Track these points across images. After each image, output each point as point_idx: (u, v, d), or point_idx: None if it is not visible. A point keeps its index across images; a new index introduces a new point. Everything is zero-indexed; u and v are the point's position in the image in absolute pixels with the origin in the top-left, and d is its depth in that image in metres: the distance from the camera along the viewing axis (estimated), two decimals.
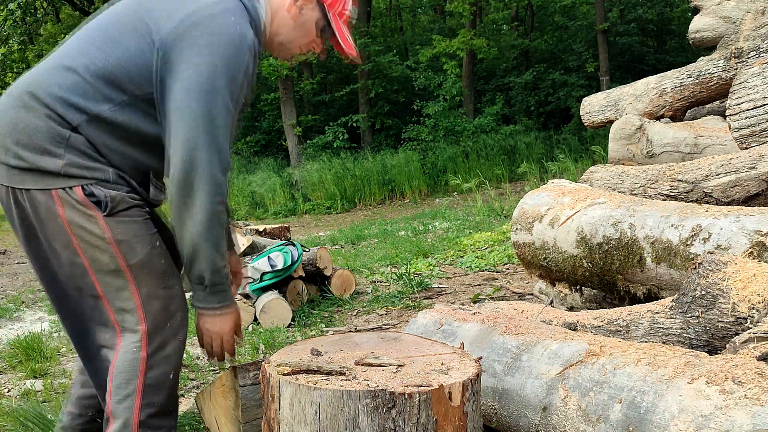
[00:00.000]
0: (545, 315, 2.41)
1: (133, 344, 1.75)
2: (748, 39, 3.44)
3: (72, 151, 1.68)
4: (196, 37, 1.67)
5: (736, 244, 2.14)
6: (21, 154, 1.67)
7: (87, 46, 1.74)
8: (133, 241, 1.73)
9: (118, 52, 1.71)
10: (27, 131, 1.67)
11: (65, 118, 1.68)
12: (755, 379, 1.44)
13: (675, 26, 17.09)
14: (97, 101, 1.69)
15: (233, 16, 1.72)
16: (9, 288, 6.16)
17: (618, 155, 3.78)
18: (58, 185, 1.67)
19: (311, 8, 1.90)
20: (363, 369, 1.58)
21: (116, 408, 1.75)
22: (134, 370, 1.74)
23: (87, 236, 1.70)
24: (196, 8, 1.71)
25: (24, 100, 1.70)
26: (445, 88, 14.62)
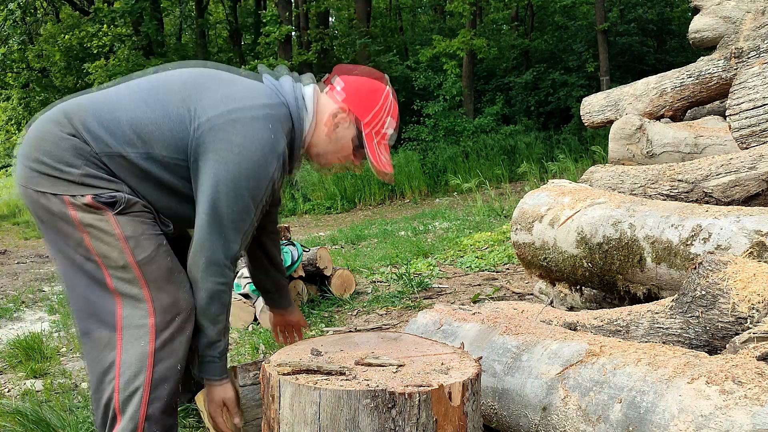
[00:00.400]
0: (545, 315, 2.41)
1: (141, 338, 1.80)
2: (748, 39, 3.44)
3: (90, 165, 1.81)
4: (232, 134, 1.81)
5: (736, 244, 2.14)
6: (43, 160, 1.81)
7: (136, 98, 1.88)
8: (141, 238, 1.82)
9: (160, 114, 1.85)
10: (53, 142, 1.81)
11: (90, 144, 1.82)
12: (755, 379, 1.44)
13: (675, 26, 17.08)
14: (124, 144, 1.83)
15: (272, 124, 1.85)
16: (9, 288, 6.16)
17: (618, 155, 3.78)
18: (70, 192, 1.79)
19: (346, 126, 1.99)
20: (363, 369, 1.58)
21: (124, 404, 1.79)
22: (142, 364, 1.79)
23: (97, 233, 1.80)
24: (242, 106, 1.84)
25: (58, 119, 1.85)
26: (445, 88, 14.62)
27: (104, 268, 1.81)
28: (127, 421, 1.78)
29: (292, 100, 1.94)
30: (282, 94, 1.94)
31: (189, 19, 20.74)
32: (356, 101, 1.98)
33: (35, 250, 9.26)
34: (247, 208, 1.83)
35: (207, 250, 1.83)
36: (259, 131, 1.82)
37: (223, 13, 21.79)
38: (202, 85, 1.91)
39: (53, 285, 6.25)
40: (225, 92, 1.88)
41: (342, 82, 2.00)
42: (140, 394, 1.79)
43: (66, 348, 3.92)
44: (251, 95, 1.89)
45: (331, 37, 19.30)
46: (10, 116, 21.55)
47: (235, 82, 1.94)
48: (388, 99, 2.01)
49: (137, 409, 1.78)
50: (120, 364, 1.79)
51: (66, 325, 4.43)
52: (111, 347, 1.81)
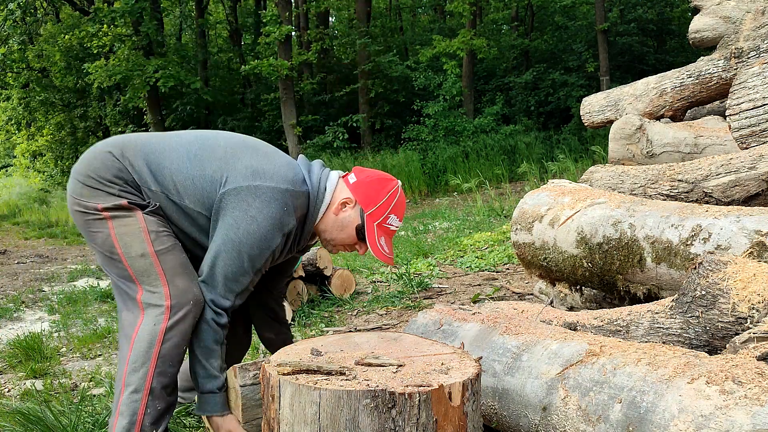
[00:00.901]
0: (545, 315, 2.41)
1: (156, 317, 2.02)
2: (748, 39, 3.44)
3: (128, 186, 2.10)
4: (251, 204, 2.04)
5: (736, 244, 2.14)
6: (90, 175, 2.09)
7: (182, 152, 2.13)
8: (161, 233, 2.08)
9: (198, 173, 2.10)
10: (102, 163, 2.10)
11: (133, 174, 2.10)
12: (755, 379, 1.44)
13: (675, 26, 17.08)
14: (162, 188, 2.11)
15: (287, 206, 2.07)
16: (9, 288, 6.16)
17: (618, 155, 3.78)
18: (107, 201, 2.06)
19: (351, 209, 2.17)
20: (363, 369, 1.58)
21: (130, 377, 2.00)
22: (153, 340, 2.00)
23: (123, 225, 2.05)
24: (267, 184, 2.06)
25: (113, 149, 2.12)
26: (445, 88, 14.61)
27: (125, 260, 2.05)
28: (130, 393, 1.99)
29: (314, 189, 2.16)
30: (309, 181, 2.16)
31: (189, 19, 20.74)
32: (363, 193, 2.18)
33: (35, 250, 9.26)
34: (244, 271, 2.06)
35: (197, 302, 2.05)
36: (273, 209, 2.04)
37: (223, 13, 21.80)
38: (240, 153, 2.14)
39: (53, 285, 6.26)
40: (257, 166, 2.09)
41: (355, 176, 2.22)
42: (147, 367, 2.00)
43: (66, 348, 3.92)
44: (279, 176, 2.09)
45: (331, 37, 19.32)
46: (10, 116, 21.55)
47: (269, 160, 2.14)
48: (395, 197, 2.19)
49: (143, 383, 1.99)
50: (135, 339, 2.02)
51: (66, 325, 4.44)
52: (133, 327, 2.05)
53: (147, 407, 2.00)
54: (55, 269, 7.36)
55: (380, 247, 2.15)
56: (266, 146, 2.23)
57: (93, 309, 4.96)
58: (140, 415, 2.00)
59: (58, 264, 7.87)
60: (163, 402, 2.04)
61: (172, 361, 2.03)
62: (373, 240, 2.14)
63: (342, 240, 2.22)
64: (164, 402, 2.04)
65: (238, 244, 2.04)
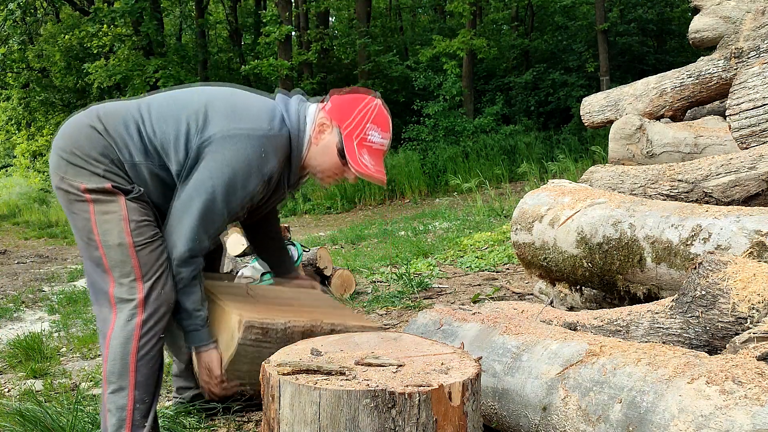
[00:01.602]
0: (545, 315, 2.41)
1: (129, 312, 2.02)
2: (748, 39, 3.44)
3: (114, 166, 2.06)
4: (226, 148, 2.02)
5: (736, 244, 2.14)
6: (75, 152, 2.05)
7: (160, 114, 2.11)
8: (142, 223, 2.06)
9: (174, 130, 2.07)
10: (87, 139, 2.06)
11: (116, 151, 2.07)
12: (755, 379, 1.44)
13: (675, 26, 17.07)
14: (142, 155, 2.08)
15: (265, 147, 2.05)
16: (9, 288, 6.16)
17: (618, 155, 3.78)
18: (91, 181, 2.03)
19: (329, 132, 2.12)
20: (363, 369, 1.58)
21: (111, 376, 2.02)
22: (129, 336, 2.01)
23: (104, 210, 2.03)
24: (243, 126, 2.04)
25: (93, 121, 2.09)
26: (445, 88, 14.61)
27: (101, 247, 2.03)
28: (114, 392, 2.01)
29: (294, 125, 2.13)
30: (289, 120, 2.13)
31: (189, 19, 20.74)
32: (337, 111, 2.13)
33: (35, 250, 9.26)
34: (219, 213, 2.06)
35: (175, 242, 2.06)
36: (249, 150, 2.03)
37: (223, 13, 21.78)
38: (216, 102, 2.12)
39: (53, 285, 6.26)
40: (233, 111, 2.08)
41: (331, 101, 2.18)
42: (126, 364, 2.01)
43: (66, 348, 3.92)
44: (255, 118, 2.07)
45: (331, 37, 19.30)
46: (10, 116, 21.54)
47: (246, 106, 2.12)
48: (370, 106, 2.13)
49: (126, 380, 2.00)
50: (111, 337, 2.02)
51: (66, 325, 4.44)
52: (107, 323, 2.05)
53: (135, 402, 2.01)
54: (55, 269, 7.36)
55: (364, 164, 2.09)
56: (243, 93, 2.20)
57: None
58: (129, 411, 2.01)
59: (58, 264, 7.87)
60: (150, 394, 2.05)
61: (152, 353, 2.04)
62: (354, 157, 2.08)
63: (328, 167, 2.17)
64: (150, 394, 2.06)
65: (212, 188, 2.02)
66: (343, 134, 2.10)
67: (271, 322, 2.09)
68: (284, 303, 2.37)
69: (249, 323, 2.06)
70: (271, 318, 2.10)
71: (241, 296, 2.32)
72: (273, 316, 2.12)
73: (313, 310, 2.34)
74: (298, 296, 2.50)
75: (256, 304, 2.26)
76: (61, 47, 17.87)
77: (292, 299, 2.45)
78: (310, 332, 2.12)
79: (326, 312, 2.34)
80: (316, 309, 2.36)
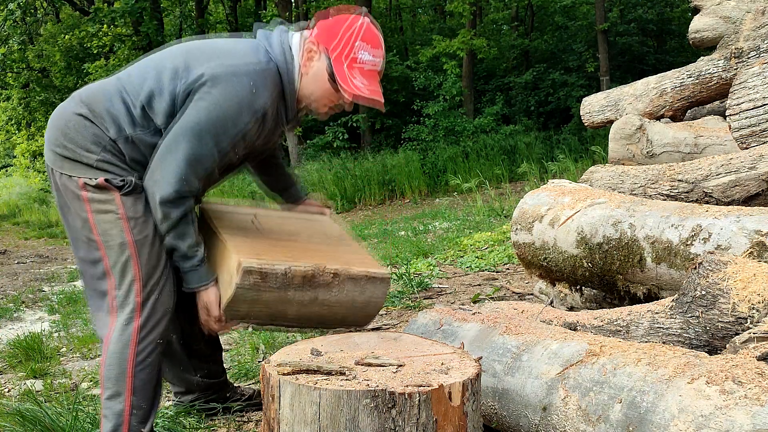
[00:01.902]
0: (545, 315, 2.41)
1: (128, 315, 1.99)
2: (748, 39, 3.44)
3: (107, 152, 2.00)
4: (212, 87, 1.93)
5: (736, 244, 2.14)
6: (66, 145, 2.00)
7: (141, 78, 2.03)
8: (141, 219, 2.01)
9: (156, 82, 1.99)
10: (76, 129, 2.00)
11: (107, 131, 2.00)
12: (755, 379, 1.44)
13: (675, 26, 17.07)
14: (134, 125, 2.01)
15: (254, 81, 1.95)
16: (9, 288, 6.16)
17: (618, 155, 3.78)
18: (86, 175, 1.98)
19: (318, 58, 2.02)
20: (363, 369, 1.58)
21: (108, 381, 1.99)
22: (127, 340, 1.98)
23: (102, 210, 1.99)
24: (228, 63, 1.96)
25: (78, 107, 2.03)
26: (445, 88, 14.61)
27: (102, 248, 2.00)
28: (110, 397, 1.99)
29: (280, 57, 2.02)
30: (273, 54, 2.02)
31: (189, 19, 20.72)
32: (323, 34, 2.03)
33: (35, 250, 9.26)
34: (208, 152, 1.96)
35: (159, 180, 1.97)
36: (238, 87, 1.93)
37: (223, 13, 21.78)
38: (194, 47, 2.05)
39: (53, 285, 6.26)
40: (215, 52, 1.99)
41: (317, 25, 2.07)
42: (124, 369, 1.98)
43: (66, 348, 3.92)
44: (239, 55, 1.98)
45: None
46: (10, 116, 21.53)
47: (228, 43, 2.05)
48: (356, 25, 2.01)
49: (122, 384, 1.97)
50: (109, 340, 2.00)
51: (66, 325, 4.43)
52: (106, 326, 2.02)
53: (132, 408, 1.99)
54: (55, 269, 7.36)
55: (356, 86, 1.98)
56: (224, 38, 2.12)
57: None
58: (126, 416, 1.98)
59: (58, 264, 7.87)
60: (148, 399, 2.03)
61: (150, 359, 2.01)
62: (345, 80, 1.97)
63: (321, 95, 2.06)
64: (149, 399, 2.03)
65: (199, 129, 1.92)
66: (332, 57, 1.99)
67: (270, 267, 1.99)
68: (289, 238, 2.24)
69: (248, 268, 1.98)
70: (271, 262, 2.01)
71: (244, 230, 2.21)
72: (273, 259, 2.02)
73: (318, 248, 2.23)
74: (306, 228, 2.36)
75: (258, 239, 2.16)
76: (61, 47, 17.87)
77: (299, 232, 2.32)
78: (311, 277, 2.04)
79: (332, 252, 2.21)
80: (321, 247, 2.25)
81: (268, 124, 2.05)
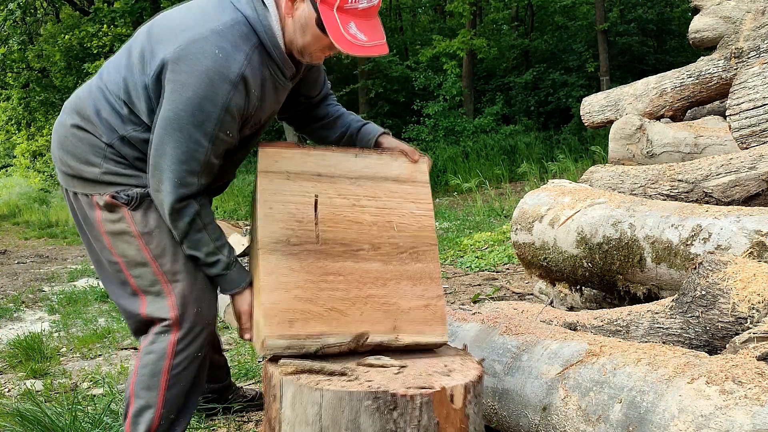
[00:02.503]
0: (545, 315, 2.41)
1: (163, 328, 1.92)
2: (748, 39, 3.44)
3: (109, 162, 1.90)
4: (177, 70, 1.73)
5: (736, 244, 2.14)
6: (69, 163, 1.93)
7: (116, 71, 1.89)
8: (155, 231, 1.90)
9: (131, 80, 1.84)
10: (73, 143, 1.92)
11: (102, 136, 1.89)
12: (755, 379, 1.44)
13: (675, 26, 17.06)
14: (124, 123, 1.88)
15: (218, 46, 1.71)
16: (9, 288, 6.16)
17: (618, 155, 3.79)
18: (96, 191, 1.90)
19: (302, 7, 1.76)
20: (365, 370, 1.59)
21: (140, 391, 1.94)
22: (162, 354, 1.91)
23: (116, 232, 1.91)
24: (183, 38, 1.74)
25: (73, 119, 1.93)
26: (445, 88, 14.61)
27: (125, 269, 1.92)
28: (141, 408, 1.94)
29: (247, 7, 1.77)
30: (238, 3, 1.78)
31: None
32: None
33: (35, 250, 9.26)
34: (197, 145, 1.75)
35: (159, 192, 1.81)
36: (202, 59, 1.70)
37: None
38: (154, 25, 1.86)
39: (53, 285, 6.26)
40: (172, 27, 1.79)
41: None
42: (157, 382, 1.92)
43: (66, 348, 3.92)
44: (198, 19, 1.76)
45: None
46: (10, 116, 21.52)
47: (185, 11, 1.84)
48: None
49: (155, 397, 1.92)
50: (142, 352, 1.94)
51: (66, 325, 4.44)
52: (144, 337, 1.96)
53: (161, 419, 1.94)
54: (55, 269, 7.36)
55: (349, 36, 1.70)
56: (187, 4, 1.89)
57: (93, 309, 4.96)
58: (153, 427, 1.95)
59: (58, 264, 7.87)
60: (176, 409, 1.97)
61: (186, 371, 1.95)
62: (337, 33, 1.68)
63: (312, 44, 1.79)
64: (177, 409, 1.97)
65: (178, 122, 1.72)
66: (318, 4, 1.70)
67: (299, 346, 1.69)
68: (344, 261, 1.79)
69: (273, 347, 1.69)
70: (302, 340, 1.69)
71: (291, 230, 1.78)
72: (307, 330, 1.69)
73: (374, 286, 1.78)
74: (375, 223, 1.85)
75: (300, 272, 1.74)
76: (61, 47, 17.85)
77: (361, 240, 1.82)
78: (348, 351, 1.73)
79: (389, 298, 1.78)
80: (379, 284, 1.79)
81: (265, 88, 1.81)
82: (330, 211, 1.82)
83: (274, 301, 1.70)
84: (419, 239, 1.87)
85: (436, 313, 1.80)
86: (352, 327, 1.72)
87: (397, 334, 1.76)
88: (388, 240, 1.84)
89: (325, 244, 1.79)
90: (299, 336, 1.68)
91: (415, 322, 1.78)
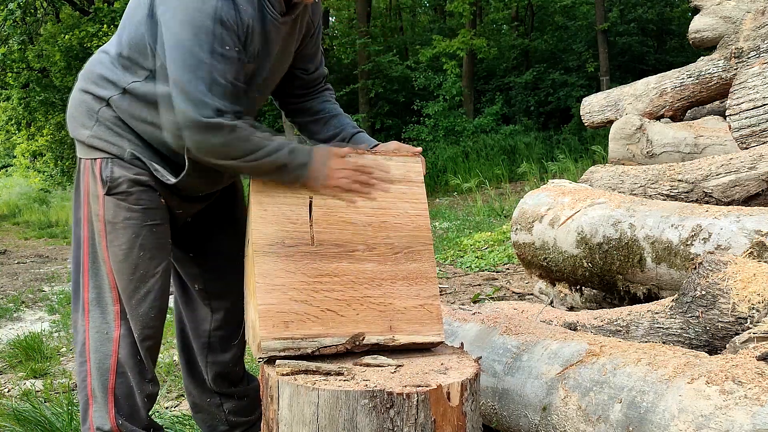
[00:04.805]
0: (545, 315, 2.41)
1: (106, 324, 1.84)
2: (748, 39, 3.44)
3: (100, 125, 1.84)
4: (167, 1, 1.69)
5: (736, 244, 2.14)
6: (70, 126, 1.92)
7: (120, 29, 1.89)
8: (119, 225, 1.82)
9: (132, 30, 1.83)
10: (76, 107, 1.90)
11: (99, 94, 1.85)
12: (755, 379, 1.43)
13: (675, 26, 17.06)
14: (125, 76, 1.83)
15: None
16: (9, 288, 6.16)
17: (618, 155, 3.78)
18: (88, 156, 1.86)
19: None
20: (361, 369, 1.58)
21: (95, 389, 1.85)
22: (107, 350, 1.84)
23: (92, 210, 1.85)
24: None
25: (80, 83, 1.93)
26: (445, 88, 14.61)
27: (87, 246, 1.86)
28: (99, 406, 1.85)
29: None
30: None
31: None
32: None
33: (35, 250, 9.26)
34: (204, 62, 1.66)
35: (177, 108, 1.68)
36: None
37: None
38: None
39: (53, 285, 6.25)
40: None
41: None
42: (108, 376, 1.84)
43: (66, 348, 3.92)
44: None
45: (331, 37, 19.29)
46: (10, 116, 21.54)
47: None
48: None
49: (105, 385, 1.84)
50: (89, 347, 1.85)
51: (66, 325, 4.43)
52: (83, 329, 1.87)
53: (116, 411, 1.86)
54: (55, 269, 7.36)
55: None
56: None
57: None
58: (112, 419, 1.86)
59: (58, 264, 7.86)
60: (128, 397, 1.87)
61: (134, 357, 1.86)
62: None
63: None
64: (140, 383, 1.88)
65: (178, 45, 1.67)
66: None
67: (295, 348, 1.68)
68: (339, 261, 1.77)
69: (268, 348, 1.68)
70: (297, 341, 1.68)
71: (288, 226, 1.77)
72: (303, 330, 1.69)
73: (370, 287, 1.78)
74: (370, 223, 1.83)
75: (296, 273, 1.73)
76: (61, 47, 17.85)
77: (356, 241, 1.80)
78: (344, 351, 1.72)
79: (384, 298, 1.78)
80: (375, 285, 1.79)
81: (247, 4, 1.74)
82: (324, 212, 1.81)
83: (270, 303, 1.69)
84: (414, 239, 1.86)
85: (432, 312, 1.80)
86: (348, 328, 1.72)
87: (393, 335, 1.75)
88: (383, 240, 1.83)
89: (320, 245, 1.78)
90: (295, 337, 1.68)
91: (411, 322, 1.78)
